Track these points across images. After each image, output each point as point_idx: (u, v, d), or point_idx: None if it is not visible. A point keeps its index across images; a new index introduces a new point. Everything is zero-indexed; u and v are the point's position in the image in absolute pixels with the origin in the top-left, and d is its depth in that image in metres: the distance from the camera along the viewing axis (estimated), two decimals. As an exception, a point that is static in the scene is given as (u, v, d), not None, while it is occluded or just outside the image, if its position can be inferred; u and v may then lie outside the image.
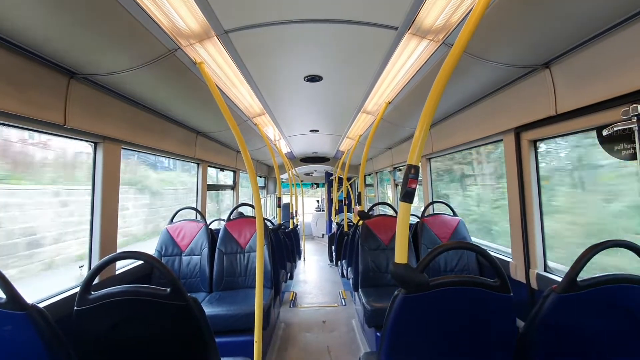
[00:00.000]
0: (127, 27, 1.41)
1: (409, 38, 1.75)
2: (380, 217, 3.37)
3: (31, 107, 1.59)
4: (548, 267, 2.11)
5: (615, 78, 1.46)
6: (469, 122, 2.72)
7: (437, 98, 1.20)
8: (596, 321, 1.23)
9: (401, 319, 1.21)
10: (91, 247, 2.12)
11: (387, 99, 2.78)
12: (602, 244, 1.21)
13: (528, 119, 2.02)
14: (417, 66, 2.06)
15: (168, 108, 2.63)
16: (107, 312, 1.26)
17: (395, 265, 1.20)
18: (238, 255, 3.13)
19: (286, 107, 3.26)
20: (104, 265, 1.32)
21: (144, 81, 1.99)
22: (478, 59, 1.76)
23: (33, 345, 1.08)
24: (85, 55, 1.62)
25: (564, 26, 1.42)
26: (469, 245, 1.35)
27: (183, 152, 3.29)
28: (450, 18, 1.53)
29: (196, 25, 1.59)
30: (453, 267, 2.94)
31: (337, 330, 3.48)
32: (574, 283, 1.19)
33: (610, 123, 1.53)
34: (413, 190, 1.22)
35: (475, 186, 3.67)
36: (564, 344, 1.26)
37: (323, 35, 1.77)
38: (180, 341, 1.35)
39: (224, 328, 2.47)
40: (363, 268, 3.11)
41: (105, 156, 2.14)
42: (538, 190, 2.13)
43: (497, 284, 1.21)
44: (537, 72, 1.87)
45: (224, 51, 1.88)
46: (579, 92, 1.66)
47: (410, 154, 1.24)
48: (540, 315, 1.23)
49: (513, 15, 1.36)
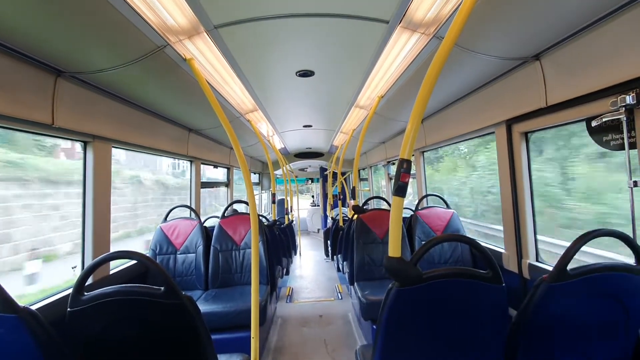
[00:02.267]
0: (114, 23, 1.39)
1: (400, 32, 1.75)
2: (374, 211, 3.39)
3: (17, 106, 1.55)
4: (540, 257, 2.15)
5: (603, 70, 1.47)
6: (462, 115, 2.74)
7: (428, 91, 1.21)
8: (586, 309, 1.26)
9: (396, 311, 1.22)
10: (84, 247, 2.10)
11: (380, 93, 2.78)
12: (592, 233, 1.23)
13: (519, 111, 2.03)
14: (409, 60, 2.05)
15: (159, 105, 2.59)
16: (101, 312, 1.25)
17: (388, 258, 1.21)
18: (233, 252, 3.13)
19: (279, 103, 3.24)
20: (97, 266, 1.31)
21: (133, 79, 1.96)
22: (469, 51, 1.76)
23: (27, 348, 1.07)
24: (71, 53, 1.59)
25: (553, 18, 1.42)
26: (460, 237, 1.36)
27: (175, 149, 3.25)
28: (441, 11, 1.53)
29: (185, 21, 1.56)
30: (447, 259, 2.97)
31: (333, 324, 3.51)
32: (564, 272, 1.21)
33: (599, 114, 1.55)
34: (405, 184, 1.22)
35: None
36: (555, 332, 1.28)
37: (314, 29, 1.76)
38: (175, 340, 1.35)
39: (221, 325, 2.48)
40: (358, 262, 3.13)
41: (96, 155, 2.11)
42: (529, 182, 2.15)
43: (489, 275, 1.23)
44: (527, 64, 1.88)
45: (214, 47, 1.85)
46: (568, 84, 1.67)
47: (403, 147, 1.24)
48: (531, 304, 1.26)
49: (503, 8, 1.36)
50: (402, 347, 1.28)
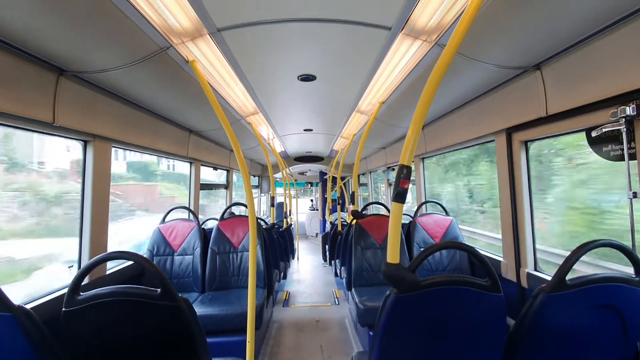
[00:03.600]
0: (117, 23, 1.39)
1: (402, 38, 1.76)
2: (373, 217, 3.38)
3: (19, 104, 1.55)
4: (538, 266, 2.14)
5: (604, 80, 1.48)
6: (462, 122, 2.74)
7: (429, 98, 1.21)
8: (584, 320, 1.25)
9: (393, 318, 1.21)
10: (81, 247, 2.09)
11: (381, 99, 2.78)
12: (591, 243, 1.22)
13: (519, 120, 2.04)
14: (411, 66, 2.06)
15: (160, 106, 2.60)
16: (96, 313, 1.24)
17: (387, 265, 1.21)
18: (231, 254, 3.11)
19: (280, 106, 3.25)
20: (93, 266, 1.30)
21: (135, 79, 1.97)
22: (470, 59, 1.77)
23: (21, 347, 1.06)
24: (74, 52, 1.59)
25: (554, 28, 1.43)
26: (459, 245, 1.36)
27: (175, 151, 3.26)
28: (443, 19, 1.54)
29: (188, 23, 1.57)
30: (445, 267, 2.96)
31: (330, 330, 3.48)
32: (562, 282, 1.21)
33: (599, 124, 1.55)
34: (405, 191, 1.22)
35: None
36: (553, 342, 1.27)
37: (317, 34, 1.77)
38: (170, 342, 1.34)
39: (217, 328, 2.46)
40: (356, 267, 3.11)
41: (96, 155, 2.11)
42: (529, 190, 2.15)
43: (487, 284, 1.22)
44: (528, 74, 1.89)
45: (216, 49, 1.86)
46: (568, 94, 1.68)
47: (403, 154, 1.24)
48: (529, 314, 1.25)
49: (505, 17, 1.37)
50: (398, 354, 1.27)
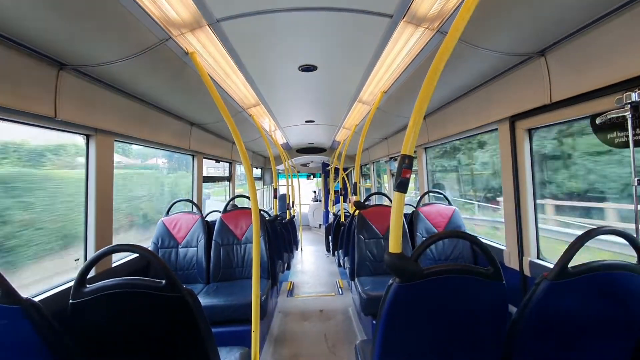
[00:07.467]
0: (116, 16, 1.38)
1: (403, 26, 1.73)
2: (376, 207, 3.39)
3: (19, 99, 1.55)
4: (541, 254, 2.14)
5: (609, 66, 1.46)
6: (465, 111, 2.72)
7: (431, 87, 1.20)
8: (586, 307, 1.25)
9: (395, 307, 1.22)
10: (86, 240, 2.11)
11: (383, 88, 2.76)
12: (594, 231, 1.22)
13: (523, 107, 2.01)
14: (413, 54, 2.04)
15: (161, 99, 2.59)
16: (102, 304, 1.26)
17: (389, 254, 1.21)
18: (235, 246, 3.14)
19: (281, 98, 3.23)
20: (99, 258, 1.32)
21: (135, 72, 1.96)
22: (473, 47, 1.74)
23: (29, 339, 1.09)
24: (74, 46, 1.58)
25: (559, 13, 1.40)
26: (461, 234, 1.36)
27: (177, 143, 3.26)
28: (445, 5, 1.51)
29: (187, 14, 1.55)
30: (448, 256, 2.97)
31: (334, 319, 3.53)
32: (565, 270, 1.21)
33: (604, 111, 1.53)
34: (407, 180, 1.22)
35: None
36: (554, 329, 1.28)
37: (317, 23, 1.74)
38: (176, 332, 1.36)
39: (222, 318, 2.50)
40: (359, 257, 3.14)
41: (98, 149, 2.12)
42: (532, 179, 2.14)
43: (490, 272, 1.23)
44: (532, 60, 1.86)
45: (216, 41, 1.84)
46: (573, 81, 1.65)
47: (404, 143, 1.23)
48: (532, 301, 1.26)
49: (508, 2, 1.34)
50: (401, 343, 1.28)
